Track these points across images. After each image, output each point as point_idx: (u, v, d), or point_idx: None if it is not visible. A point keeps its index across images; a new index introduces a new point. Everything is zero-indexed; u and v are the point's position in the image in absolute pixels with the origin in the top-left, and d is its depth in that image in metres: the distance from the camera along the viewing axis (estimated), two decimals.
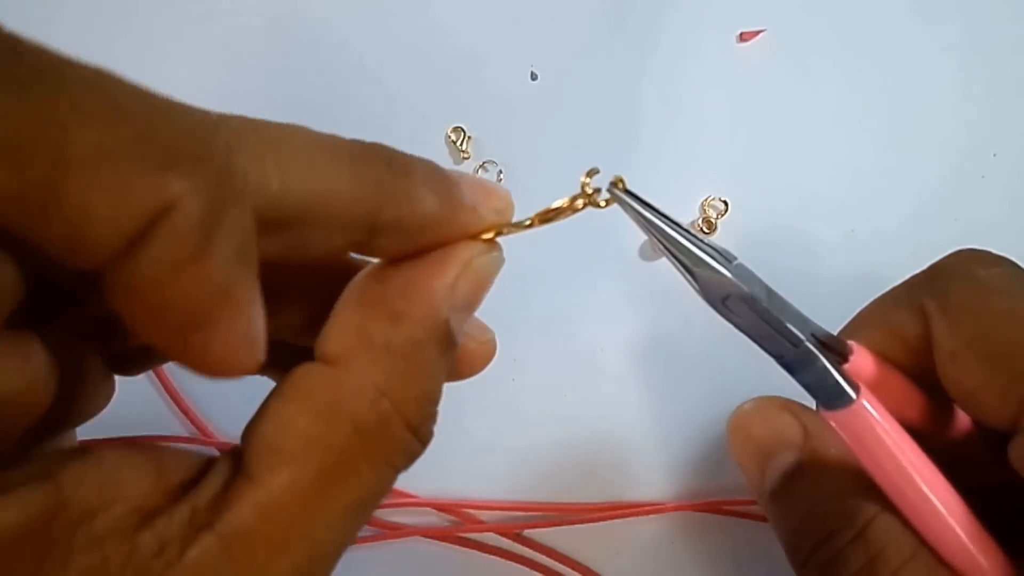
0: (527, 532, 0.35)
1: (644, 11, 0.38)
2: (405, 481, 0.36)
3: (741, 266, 0.22)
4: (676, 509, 0.35)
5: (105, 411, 0.38)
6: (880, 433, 0.22)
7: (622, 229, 0.37)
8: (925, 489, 0.22)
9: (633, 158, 0.38)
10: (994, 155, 0.38)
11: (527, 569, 0.35)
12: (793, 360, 0.22)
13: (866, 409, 0.22)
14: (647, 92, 0.38)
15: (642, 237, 0.37)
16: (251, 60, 0.39)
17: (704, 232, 0.37)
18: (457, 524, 0.36)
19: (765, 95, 0.38)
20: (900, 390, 0.25)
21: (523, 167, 0.38)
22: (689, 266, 0.21)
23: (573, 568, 0.35)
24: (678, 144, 0.38)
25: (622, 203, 0.22)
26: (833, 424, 0.23)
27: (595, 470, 0.36)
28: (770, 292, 0.23)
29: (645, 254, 0.37)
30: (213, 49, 0.39)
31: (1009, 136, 0.38)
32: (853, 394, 0.22)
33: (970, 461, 0.25)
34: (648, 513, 0.35)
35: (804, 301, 0.36)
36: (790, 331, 0.22)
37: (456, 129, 0.38)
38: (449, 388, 0.39)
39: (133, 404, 0.37)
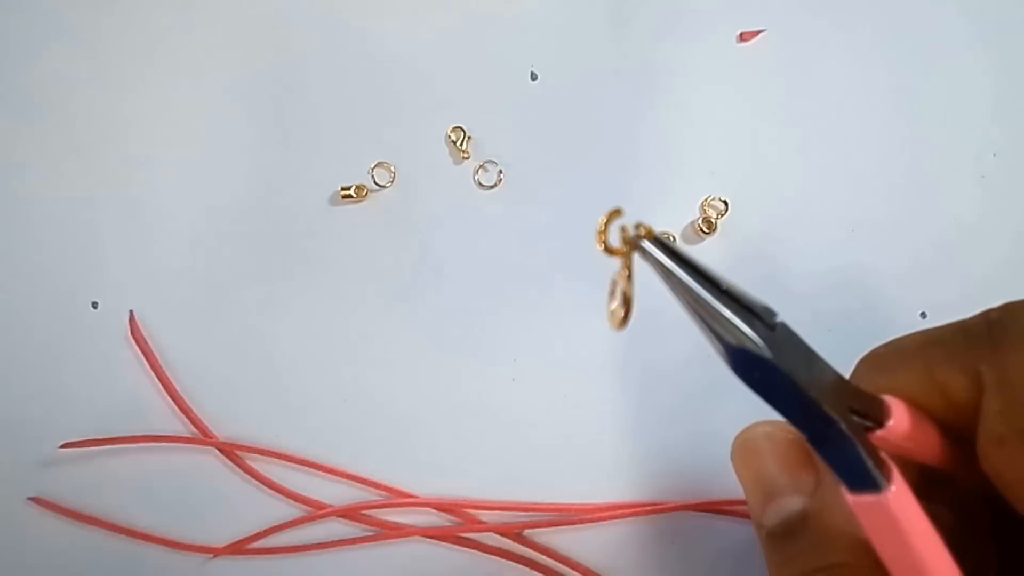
0: (527, 532, 0.35)
1: (644, 11, 0.38)
2: (405, 481, 0.36)
3: (783, 326, 0.20)
4: (676, 509, 0.35)
5: (105, 411, 0.38)
6: (904, 529, 0.20)
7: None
8: None
9: (633, 158, 0.38)
10: (994, 155, 0.38)
11: (527, 569, 0.35)
12: (823, 439, 0.20)
13: (892, 503, 0.20)
14: (647, 92, 0.38)
15: None
16: (250, 60, 0.39)
17: (704, 232, 0.37)
18: (457, 524, 0.35)
19: (765, 95, 0.38)
20: (936, 447, 0.23)
21: (523, 167, 0.38)
22: (718, 333, 0.19)
23: (573, 568, 0.35)
24: (678, 144, 0.38)
25: (646, 256, 0.19)
26: (854, 506, 0.21)
27: (596, 470, 0.36)
28: (811, 359, 0.20)
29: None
30: (213, 48, 0.39)
31: (1009, 136, 0.38)
32: (883, 484, 0.20)
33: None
34: (648, 513, 0.35)
35: (804, 301, 0.37)
36: (827, 414, 0.20)
37: (456, 129, 0.37)
38: (449, 388, 0.39)
39: (133, 404, 0.37)
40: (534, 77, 0.38)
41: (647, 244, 0.19)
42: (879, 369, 0.24)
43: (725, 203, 0.37)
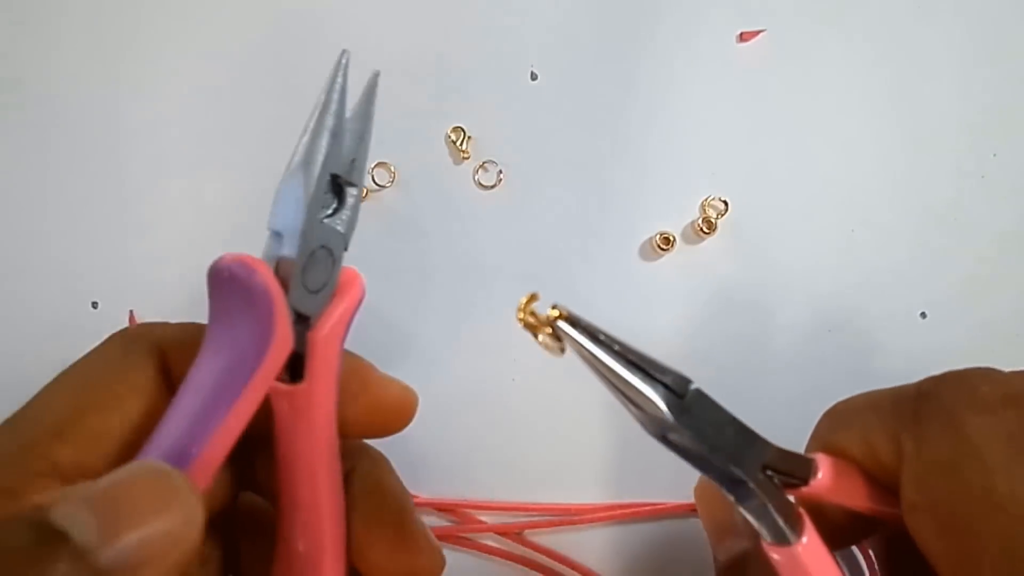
0: (528, 533, 0.35)
1: (644, 11, 0.38)
2: (405, 481, 0.36)
3: (697, 394, 0.21)
4: (676, 510, 0.35)
5: None
6: None
7: (624, 228, 0.37)
8: None
9: (633, 158, 0.38)
10: (994, 155, 0.38)
11: (528, 570, 0.35)
12: (738, 494, 0.22)
13: (800, 554, 0.22)
14: (647, 92, 0.38)
15: (643, 237, 0.37)
16: (250, 61, 0.39)
17: (704, 232, 0.37)
18: (458, 524, 0.35)
19: (765, 95, 0.38)
20: (875, 499, 0.24)
21: (523, 167, 0.38)
22: (631, 400, 0.21)
23: (574, 569, 0.35)
24: (678, 144, 0.38)
25: (563, 335, 0.21)
26: (770, 556, 0.22)
27: (596, 471, 0.36)
28: (725, 424, 0.22)
29: (645, 255, 0.37)
30: (213, 49, 0.39)
31: (1009, 136, 0.38)
32: (791, 538, 0.22)
33: None
34: (648, 514, 0.35)
35: (804, 301, 0.37)
36: (732, 472, 0.21)
37: (456, 129, 0.37)
38: (450, 389, 0.39)
39: None
40: (534, 77, 0.38)
41: (561, 324, 0.21)
42: (828, 427, 0.26)
43: (725, 203, 0.37)
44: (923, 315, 0.37)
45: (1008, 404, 0.21)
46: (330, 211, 0.24)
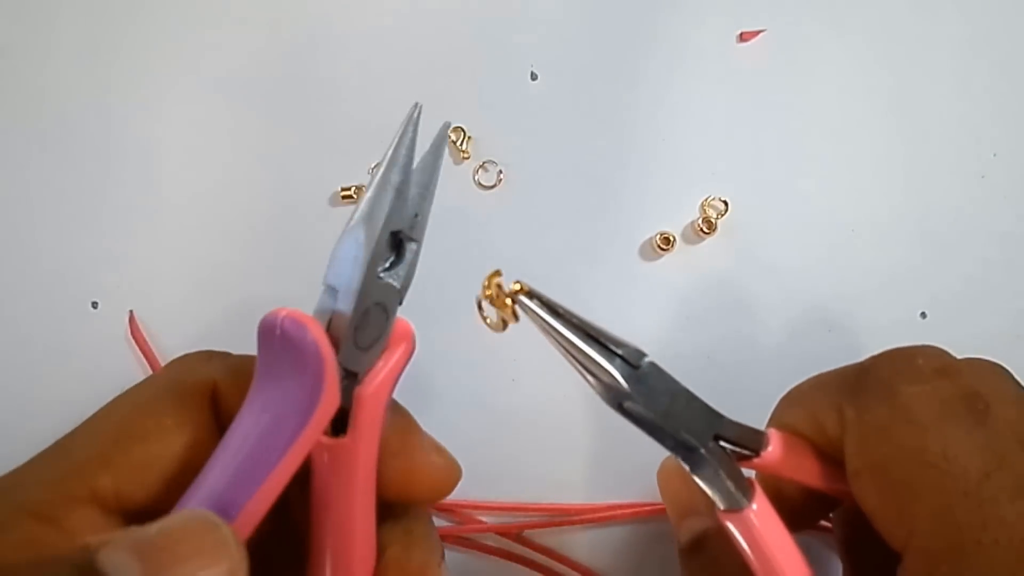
0: (528, 533, 0.35)
1: (644, 11, 0.38)
2: None
3: (651, 366, 0.23)
4: None
5: None
6: (764, 541, 0.23)
7: (624, 228, 0.37)
8: None
9: (633, 158, 0.38)
10: (994, 155, 0.38)
11: (527, 569, 0.35)
12: (689, 461, 0.23)
13: (752, 519, 0.23)
14: (647, 92, 0.38)
15: (643, 237, 0.37)
16: (250, 62, 0.39)
17: (704, 232, 0.37)
18: (457, 524, 0.35)
19: (765, 95, 0.38)
20: (825, 474, 0.26)
21: (523, 167, 0.38)
22: (589, 370, 0.22)
23: (573, 568, 0.35)
24: (678, 144, 0.38)
25: (525, 310, 0.22)
26: (724, 523, 0.24)
27: (596, 471, 0.36)
28: (676, 394, 0.23)
29: (645, 255, 0.37)
30: (213, 50, 0.39)
31: (1009, 136, 0.38)
32: (742, 502, 0.23)
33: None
34: (648, 514, 0.35)
35: (804, 300, 0.37)
36: (686, 439, 0.23)
37: (456, 129, 0.37)
38: (450, 389, 0.39)
39: None
40: (534, 77, 0.38)
41: (523, 299, 0.22)
42: (783, 408, 0.27)
43: (725, 203, 0.37)
44: (923, 315, 0.37)
45: (940, 375, 0.23)
46: (387, 265, 0.23)
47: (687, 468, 0.23)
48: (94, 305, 0.37)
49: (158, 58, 0.39)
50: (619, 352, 0.22)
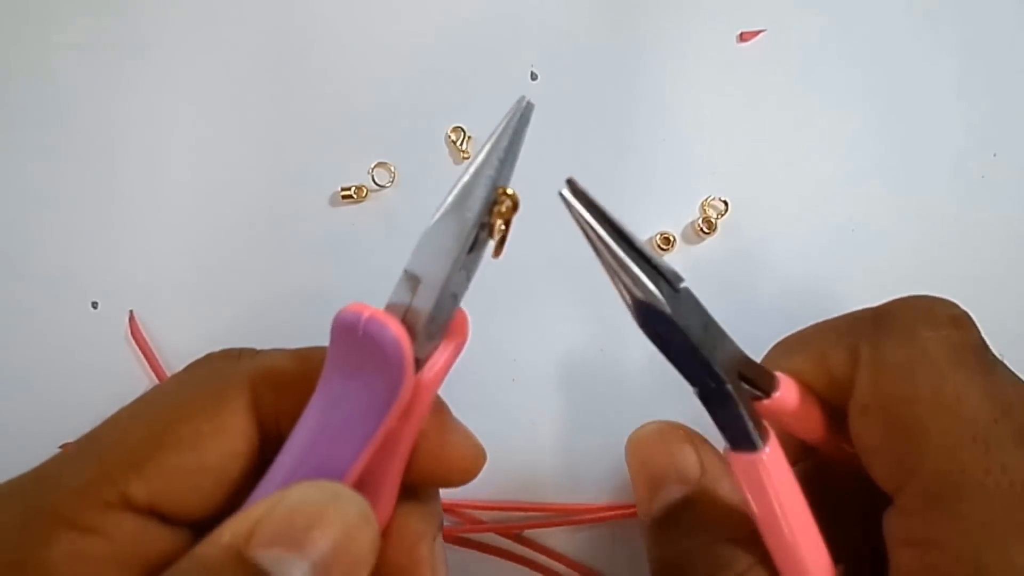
0: (527, 532, 0.35)
1: (644, 11, 0.38)
2: None
3: (687, 292, 0.22)
4: None
5: (105, 411, 0.38)
6: (774, 486, 0.22)
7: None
8: (799, 547, 0.23)
9: (633, 158, 0.38)
10: (994, 155, 0.38)
11: (527, 569, 0.35)
12: (711, 396, 0.22)
13: (766, 461, 0.22)
14: (647, 92, 0.38)
15: (644, 236, 0.37)
16: (250, 61, 0.39)
17: (704, 232, 0.37)
18: (457, 524, 0.35)
19: (765, 95, 0.38)
20: (816, 423, 0.26)
21: (523, 167, 0.38)
22: (627, 286, 0.21)
23: (573, 568, 0.35)
24: (678, 144, 0.38)
25: (569, 206, 0.21)
26: (733, 463, 0.23)
27: (595, 470, 0.36)
28: (708, 324, 0.22)
29: None
30: (213, 49, 0.39)
31: (1009, 136, 0.38)
32: (759, 444, 0.22)
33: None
34: None
35: (804, 300, 0.37)
36: (715, 372, 0.22)
37: (456, 129, 0.37)
38: (450, 388, 0.39)
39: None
40: (534, 77, 0.38)
41: (566, 194, 0.21)
42: (783, 351, 0.27)
43: (725, 203, 0.37)
44: None
45: (955, 323, 0.24)
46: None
47: (699, 399, 0.22)
48: (94, 305, 0.37)
49: (158, 58, 0.39)
50: (662, 271, 0.21)
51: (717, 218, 0.37)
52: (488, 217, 0.22)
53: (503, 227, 0.22)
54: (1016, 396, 0.23)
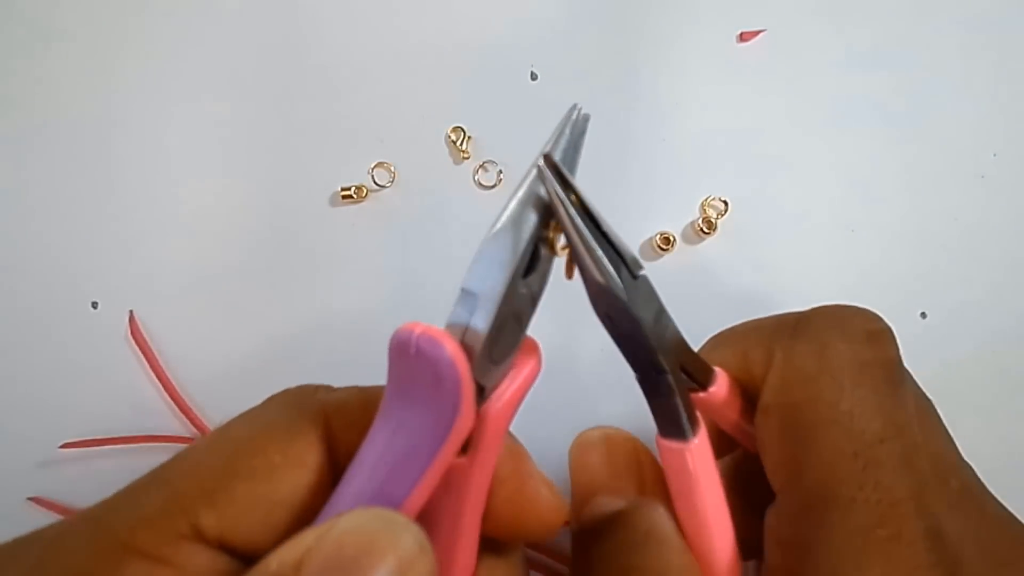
0: None
1: (644, 11, 0.38)
2: None
3: (645, 280, 0.22)
4: None
5: (105, 411, 0.38)
6: (696, 478, 0.23)
7: (624, 228, 0.37)
8: (712, 538, 0.23)
9: (633, 158, 0.38)
10: (994, 155, 0.38)
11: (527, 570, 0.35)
12: (651, 384, 0.23)
13: (692, 452, 0.23)
14: (647, 92, 0.38)
15: (643, 237, 0.37)
16: (251, 62, 0.39)
17: (704, 232, 0.37)
18: None
19: (765, 95, 0.38)
20: (739, 418, 0.26)
21: (523, 167, 0.38)
22: (587, 268, 0.21)
23: (564, 563, 0.35)
24: (678, 144, 0.38)
25: (546, 182, 0.21)
26: (661, 450, 0.24)
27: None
28: (660, 313, 0.23)
29: (645, 255, 0.37)
30: (213, 49, 0.39)
31: (1009, 136, 0.38)
32: (689, 434, 0.23)
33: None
34: None
35: (804, 301, 0.37)
36: (658, 362, 0.22)
37: (456, 129, 0.37)
38: None
39: (133, 404, 0.37)
40: (534, 77, 0.38)
41: (542, 165, 0.21)
42: (713, 345, 0.28)
43: (725, 203, 0.37)
44: (923, 315, 0.37)
45: (869, 339, 0.24)
46: (523, 274, 0.22)
47: (638, 383, 0.23)
48: (94, 305, 0.37)
49: (159, 58, 0.39)
50: (624, 257, 0.21)
51: (717, 218, 0.37)
52: (546, 231, 0.21)
53: (566, 243, 0.21)
54: (912, 418, 0.23)
